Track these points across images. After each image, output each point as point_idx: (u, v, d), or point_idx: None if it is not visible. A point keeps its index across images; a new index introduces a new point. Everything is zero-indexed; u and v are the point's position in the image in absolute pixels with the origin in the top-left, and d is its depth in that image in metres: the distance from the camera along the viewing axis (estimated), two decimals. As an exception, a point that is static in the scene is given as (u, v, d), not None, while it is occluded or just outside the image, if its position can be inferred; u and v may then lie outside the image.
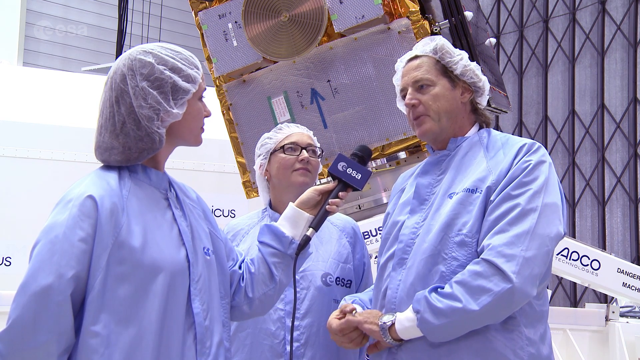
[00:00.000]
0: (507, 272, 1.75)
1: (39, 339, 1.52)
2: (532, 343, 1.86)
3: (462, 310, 1.77)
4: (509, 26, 12.54)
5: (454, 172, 2.01)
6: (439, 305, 1.78)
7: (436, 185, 2.03)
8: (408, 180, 2.17)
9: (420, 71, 2.06)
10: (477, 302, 1.76)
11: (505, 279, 1.75)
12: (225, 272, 1.89)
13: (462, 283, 1.79)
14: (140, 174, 1.74)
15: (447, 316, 1.78)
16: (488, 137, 2.06)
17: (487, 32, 4.56)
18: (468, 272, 1.80)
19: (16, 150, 4.96)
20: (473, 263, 1.82)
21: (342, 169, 1.96)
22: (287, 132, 2.53)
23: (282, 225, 1.95)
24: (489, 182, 1.90)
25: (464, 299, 1.77)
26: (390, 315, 1.90)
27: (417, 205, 2.03)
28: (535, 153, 1.93)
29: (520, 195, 1.84)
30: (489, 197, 1.88)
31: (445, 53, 2.07)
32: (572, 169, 11.46)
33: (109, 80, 1.74)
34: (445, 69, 2.06)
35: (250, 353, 2.29)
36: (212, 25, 3.78)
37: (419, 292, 1.85)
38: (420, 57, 2.10)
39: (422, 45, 2.11)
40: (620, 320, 4.13)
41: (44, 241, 1.58)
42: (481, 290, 1.76)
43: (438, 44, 2.09)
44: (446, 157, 2.06)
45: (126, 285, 1.60)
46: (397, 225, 2.06)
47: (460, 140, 2.06)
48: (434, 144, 2.12)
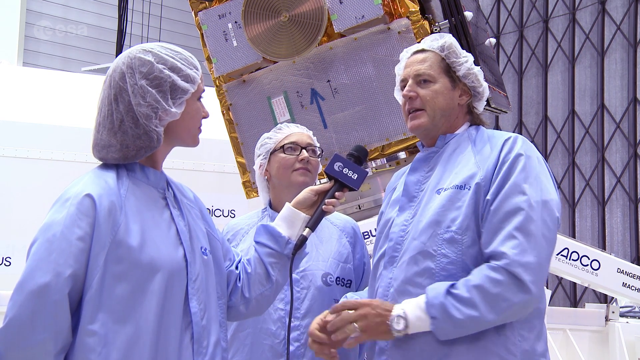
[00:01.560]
0: (527, 283, 1.76)
1: (36, 337, 1.51)
2: (526, 340, 1.85)
3: (479, 320, 1.77)
4: (508, 26, 12.54)
5: (442, 168, 2.01)
6: (458, 317, 1.76)
7: (424, 182, 2.03)
8: (400, 178, 2.17)
9: (424, 65, 2.06)
10: (496, 312, 1.76)
11: (524, 289, 1.76)
12: (222, 272, 1.89)
13: (481, 289, 1.76)
14: (138, 173, 1.74)
15: (465, 327, 1.78)
16: (476, 133, 2.06)
17: (487, 32, 4.56)
18: (486, 277, 1.77)
19: (16, 150, 4.97)
20: (490, 269, 1.78)
21: (339, 169, 1.96)
22: (286, 132, 2.53)
23: (279, 226, 1.95)
24: (478, 178, 1.90)
25: (482, 308, 1.75)
26: (399, 309, 1.84)
27: (406, 202, 2.03)
28: (521, 147, 1.92)
29: (518, 195, 1.83)
30: (479, 194, 1.88)
31: (452, 52, 2.08)
32: (572, 169, 11.47)
33: (107, 78, 1.74)
34: (448, 68, 2.07)
35: (250, 353, 2.28)
36: (212, 25, 3.78)
37: (432, 293, 1.80)
38: (426, 52, 2.10)
39: (431, 41, 2.11)
40: (620, 321, 4.13)
41: (42, 240, 1.58)
42: (500, 299, 1.76)
43: (447, 42, 2.09)
44: (434, 153, 2.06)
45: (124, 284, 1.60)
46: (387, 223, 2.06)
47: (449, 137, 2.06)
48: (424, 140, 2.12)
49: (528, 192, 1.83)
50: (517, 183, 1.85)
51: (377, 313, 1.83)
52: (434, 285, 1.83)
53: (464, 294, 1.77)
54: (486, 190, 1.88)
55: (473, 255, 1.86)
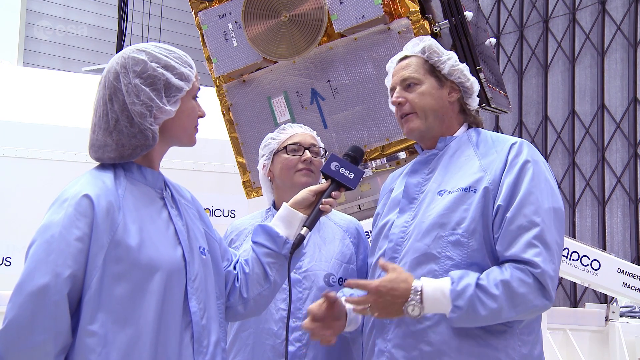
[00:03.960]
0: (549, 290, 1.81)
1: (36, 338, 1.51)
2: (525, 344, 1.87)
3: (498, 316, 1.79)
4: (509, 26, 12.54)
5: (443, 170, 2.02)
6: (482, 313, 1.78)
7: (425, 184, 2.03)
8: (397, 180, 2.17)
9: (408, 70, 2.09)
10: (516, 311, 1.79)
11: (546, 296, 1.81)
12: (220, 272, 1.89)
13: (508, 285, 1.78)
14: (135, 174, 1.74)
15: (482, 321, 1.80)
16: (477, 136, 2.07)
17: (487, 32, 4.56)
18: (515, 276, 1.79)
19: (16, 150, 4.97)
20: (517, 269, 1.80)
21: (335, 168, 1.96)
22: (290, 132, 2.53)
23: (276, 225, 1.94)
24: (486, 182, 1.91)
25: (505, 305, 1.78)
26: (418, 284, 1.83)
27: (406, 204, 2.03)
28: (528, 153, 1.94)
29: (532, 204, 1.85)
30: (487, 198, 1.89)
31: (433, 52, 2.10)
32: (572, 169, 11.47)
33: (102, 79, 1.75)
34: (432, 68, 2.08)
35: (252, 353, 2.28)
36: (212, 25, 3.78)
37: (465, 280, 1.79)
38: (409, 57, 2.13)
39: (412, 46, 2.14)
40: (620, 320, 4.14)
41: (40, 241, 1.57)
42: (524, 299, 1.79)
43: (426, 44, 2.11)
44: (435, 156, 2.07)
45: (123, 284, 1.60)
46: (386, 224, 2.06)
47: (449, 139, 2.07)
48: (421, 143, 2.13)
49: (541, 200, 1.86)
50: (531, 191, 1.86)
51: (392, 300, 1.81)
52: (461, 273, 1.82)
53: (493, 290, 1.78)
54: (494, 194, 1.89)
55: (479, 259, 1.86)
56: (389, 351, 1.92)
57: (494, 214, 1.88)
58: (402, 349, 1.89)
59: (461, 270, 1.83)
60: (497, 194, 1.89)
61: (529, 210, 1.84)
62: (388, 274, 1.83)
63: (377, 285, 1.82)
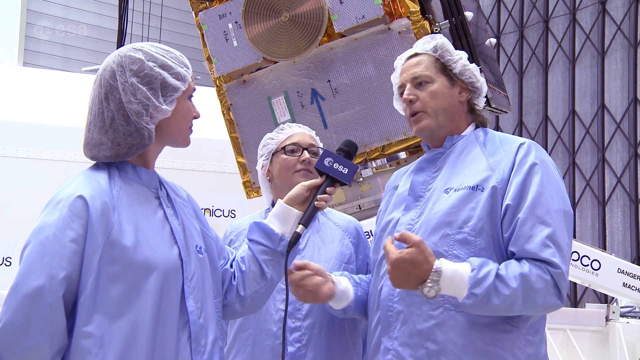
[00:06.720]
0: (563, 291, 1.83)
1: (32, 341, 1.51)
2: (531, 344, 1.87)
3: (510, 306, 1.79)
4: (509, 26, 12.54)
5: (450, 169, 2.01)
6: (495, 303, 1.77)
7: (431, 182, 2.03)
8: (402, 177, 2.17)
9: (420, 68, 2.07)
10: (527, 305, 1.79)
11: (560, 296, 1.82)
12: (217, 271, 1.88)
13: (526, 279, 1.78)
14: (130, 173, 1.74)
15: (494, 310, 1.80)
16: (485, 135, 2.06)
17: (487, 32, 4.56)
18: (534, 271, 1.79)
19: (16, 150, 4.97)
20: (535, 266, 1.80)
21: (329, 164, 1.95)
22: (288, 132, 2.53)
23: (272, 223, 1.94)
24: (494, 181, 1.90)
25: (520, 298, 1.78)
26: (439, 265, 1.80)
27: (412, 202, 2.03)
28: (537, 154, 1.94)
29: (544, 206, 1.85)
30: (495, 197, 1.88)
31: (445, 51, 2.08)
32: (572, 169, 11.47)
33: (98, 77, 1.74)
34: (444, 67, 2.07)
35: (251, 353, 2.28)
36: (212, 25, 3.78)
37: (485, 269, 1.78)
38: (420, 55, 2.10)
39: (423, 44, 2.12)
40: (621, 321, 4.13)
41: (34, 242, 1.57)
42: (539, 295, 1.79)
43: (438, 42, 2.09)
44: (442, 154, 2.06)
45: (119, 285, 1.59)
46: (391, 222, 2.06)
47: (456, 138, 2.06)
48: (430, 142, 2.12)
49: (551, 202, 1.86)
50: (541, 192, 1.86)
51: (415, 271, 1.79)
52: (481, 261, 1.81)
53: (512, 282, 1.78)
54: (503, 193, 1.89)
55: (486, 257, 1.85)
56: (395, 349, 1.91)
57: (503, 213, 1.87)
58: (409, 347, 1.88)
59: (480, 258, 1.83)
60: (505, 193, 1.88)
61: (541, 212, 1.84)
62: (412, 249, 1.78)
63: (401, 255, 1.78)
